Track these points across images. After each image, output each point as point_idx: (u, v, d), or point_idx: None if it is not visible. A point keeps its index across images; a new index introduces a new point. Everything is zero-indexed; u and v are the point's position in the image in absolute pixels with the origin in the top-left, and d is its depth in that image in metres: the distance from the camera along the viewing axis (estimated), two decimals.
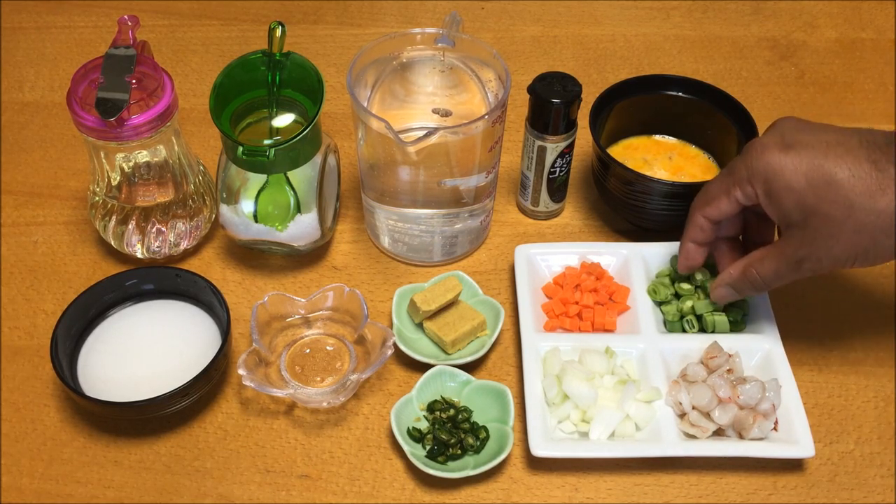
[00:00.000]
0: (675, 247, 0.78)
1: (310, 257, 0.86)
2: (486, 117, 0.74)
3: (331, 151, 0.83)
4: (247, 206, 0.80)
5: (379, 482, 0.71)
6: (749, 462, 0.71)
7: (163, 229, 0.82)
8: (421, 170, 0.77)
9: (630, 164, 0.84)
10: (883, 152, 0.64)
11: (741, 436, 0.70)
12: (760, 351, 0.75)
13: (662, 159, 0.89)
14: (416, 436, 0.71)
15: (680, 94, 0.88)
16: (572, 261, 0.82)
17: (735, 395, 0.70)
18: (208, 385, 0.73)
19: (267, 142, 0.76)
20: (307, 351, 0.77)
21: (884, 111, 1.01)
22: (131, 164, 0.79)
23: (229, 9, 1.14)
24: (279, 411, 0.75)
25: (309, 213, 0.80)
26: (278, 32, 0.77)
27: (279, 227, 0.80)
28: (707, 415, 0.70)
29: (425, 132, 0.71)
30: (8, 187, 0.92)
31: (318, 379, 0.75)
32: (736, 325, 0.77)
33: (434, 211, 0.81)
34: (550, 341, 0.75)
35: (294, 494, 0.70)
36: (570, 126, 0.81)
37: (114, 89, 0.74)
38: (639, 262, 0.81)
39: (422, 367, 0.75)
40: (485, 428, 0.71)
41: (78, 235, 0.88)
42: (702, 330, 0.77)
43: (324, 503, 0.70)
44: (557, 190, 0.87)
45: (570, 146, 0.83)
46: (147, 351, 0.75)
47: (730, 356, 0.73)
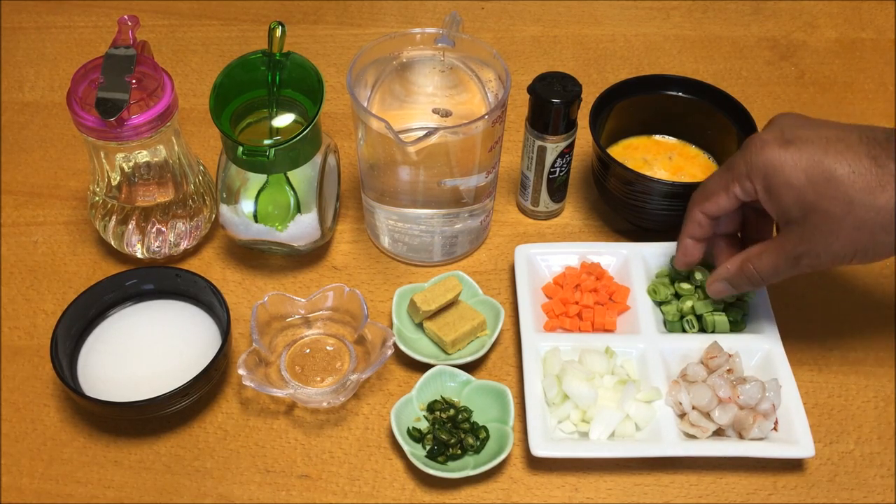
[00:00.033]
0: (675, 246, 0.78)
1: (310, 257, 0.86)
2: (486, 117, 0.74)
3: (331, 151, 0.83)
4: (247, 206, 0.80)
5: (379, 482, 0.71)
6: (749, 462, 0.71)
7: (163, 229, 0.82)
8: (421, 170, 0.77)
9: (630, 164, 0.84)
10: (883, 148, 0.63)
11: (741, 436, 0.70)
12: (760, 351, 0.75)
13: (662, 159, 0.89)
14: (416, 436, 0.71)
15: (680, 94, 0.88)
16: (572, 261, 0.82)
17: (735, 395, 0.70)
18: (208, 385, 0.73)
19: (267, 142, 0.76)
20: (307, 351, 0.77)
21: (884, 111, 1.01)
22: (131, 164, 0.79)
23: (229, 9, 1.14)
24: (279, 411, 0.75)
25: (309, 213, 0.80)
26: (278, 32, 0.77)
27: (279, 227, 0.80)
28: (707, 415, 0.70)
29: (425, 132, 0.71)
30: (8, 187, 0.92)
31: (318, 379, 0.75)
32: (736, 325, 0.77)
33: (434, 211, 0.81)
34: (550, 341, 0.75)
35: (294, 494, 0.70)
36: (570, 126, 0.81)
37: (114, 89, 0.74)
38: (639, 262, 0.81)
39: (422, 367, 0.75)
40: (485, 428, 0.71)
41: (78, 235, 0.88)
42: (702, 330, 0.77)
43: (324, 503, 0.70)
44: (557, 190, 0.87)
45: (570, 146, 0.83)
46: (147, 351, 0.75)
47: (730, 356, 0.73)
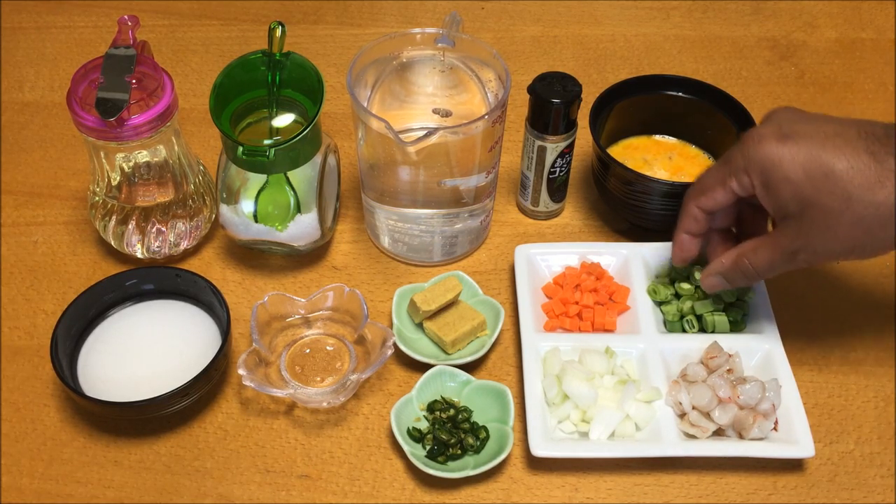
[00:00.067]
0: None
1: (310, 257, 0.86)
2: (486, 117, 0.74)
3: (331, 151, 0.83)
4: (247, 206, 0.80)
5: (379, 482, 0.71)
6: (749, 462, 0.71)
7: (163, 229, 0.82)
8: (421, 170, 0.77)
9: (630, 164, 0.84)
10: (882, 144, 0.63)
11: (741, 436, 0.70)
12: (760, 351, 0.75)
13: (662, 159, 0.89)
14: (416, 436, 0.71)
15: (680, 94, 0.88)
16: (572, 261, 0.82)
17: (735, 395, 0.70)
18: (208, 385, 0.73)
19: (267, 142, 0.76)
20: (307, 351, 0.77)
21: (884, 111, 1.01)
22: (131, 164, 0.79)
23: (229, 9, 1.14)
24: (279, 411, 0.75)
25: (309, 213, 0.80)
26: (278, 32, 0.77)
27: (279, 227, 0.80)
28: (707, 415, 0.70)
29: (425, 132, 0.71)
30: (8, 187, 0.92)
31: (318, 379, 0.75)
32: (736, 325, 0.77)
33: (434, 211, 0.81)
34: (550, 341, 0.75)
35: (294, 494, 0.70)
36: (570, 126, 0.81)
37: (114, 89, 0.74)
38: (639, 262, 0.81)
39: (422, 367, 0.75)
40: (485, 428, 0.71)
41: (78, 235, 0.88)
42: (702, 330, 0.77)
43: (324, 503, 0.70)
44: (557, 190, 0.87)
45: (570, 146, 0.83)
46: (147, 351, 0.75)
47: (730, 356, 0.73)
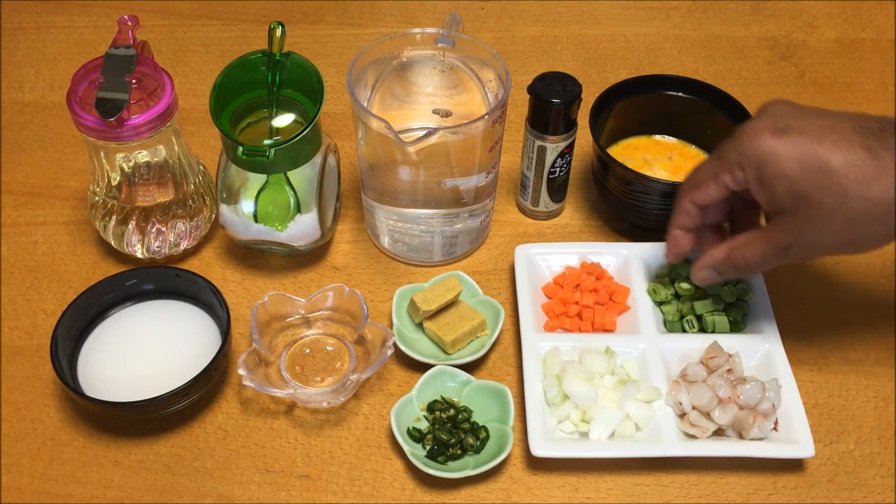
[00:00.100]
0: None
1: (310, 257, 0.86)
2: (486, 117, 0.74)
3: (331, 151, 0.83)
4: (247, 206, 0.80)
5: (379, 482, 0.71)
6: (749, 462, 0.71)
7: (163, 229, 0.82)
8: (421, 170, 0.77)
9: (630, 164, 0.84)
10: (877, 138, 0.62)
11: (741, 436, 0.70)
12: (760, 351, 0.75)
13: (662, 159, 0.89)
14: (416, 436, 0.71)
15: (680, 94, 0.88)
16: (572, 261, 0.82)
17: (735, 395, 0.70)
18: (208, 385, 0.73)
19: (267, 142, 0.76)
20: (307, 351, 0.77)
21: (884, 111, 1.00)
22: (131, 164, 0.79)
23: (229, 9, 1.14)
24: (279, 411, 0.75)
25: (309, 213, 0.80)
26: (278, 32, 0.76)
27: (279, 227, 0.80)
28: (707, 415, 0.70)
29: (425, 132, 0.71)
30: (8, 187, 0.92)
31: (318, 379, 0.75)
32: (736, 325, 0.77)
33: (434, 211, 0.81)
34: (550, 341, 0.75)
35: (294, 494, 0.70)
36: (570, 126, 0.81)
37: (114, 89, 0.74)
38: (639, 262, 0.81)
39: (422, 367, 0.75)
40: (485, 428, 0.71)
41: (78, 235, 0.88)
42: (702, 330, 0.77)
43: (324, 503, 0.70)
44: (557, 190, 0.87)
45: (570, 146, 0.83)
46: (147, 351, 0.75)
47: (730, 356, 0.73)
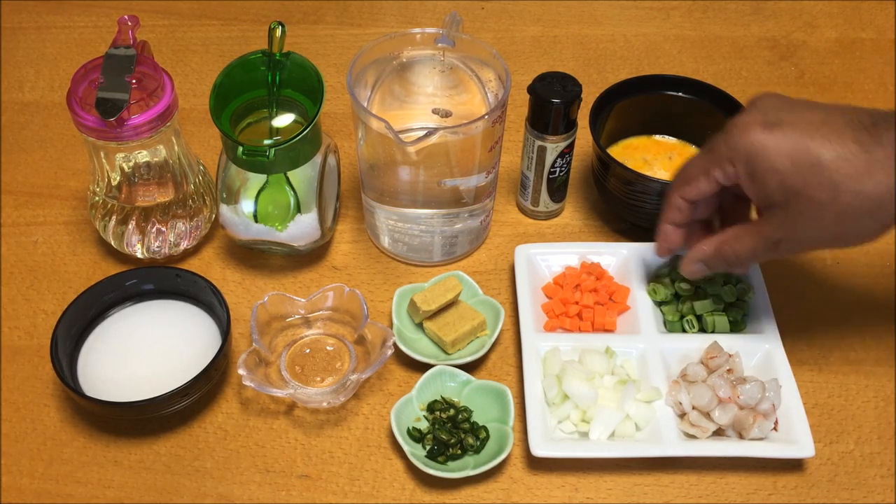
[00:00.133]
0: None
1: (310, 257, 0.86)
2: (486, 117, 0.74)
3: (331, 151, 0.83)
4: (247, 206, 0.80)
5: (379, 482, 0.71)
6: (749, 462, 0.71)
7: (163, 229, 0.82)
8: (421, 170, 0.77)
9: (630, 164, 0.84)
10: (869, 133, 0.62)
11: (741, 436, 0.70)
12: (760, 351, 0.75)
13: (662, 159, 0.89)
14: (416, 436, 0.71)
15: (680, 94, 0.88)
16: (572, 261, 0.82)
17: (735, 395, 0.70)
18: (208, 385, 0.73)
19: (267, 142, 0.76)
20: (307, 351, 0.77)
21: None
22: (131, 164, 0.79)
23: (229, 9, 1.14)
24: (279, 411, 0.75)
25: (309, 213, 0.80)
26: (278, 32, 0.76)
27: (279, 227, 0.80)
28: (707, 415, 0.70)
29: (425, 132, 0.71)
30: (8, 187, 0.92)
31: (318, 379, 0.75)
32: (736, 325, 0.77)
33: (434, 211, 0.81)
34: (550, 341, 0.75)
35: (294, 494, 0.70)
36: (570, 126, 0.81)
37: (114, 89, 0.74)
38: (639, 262, 0.81)
39: (422, 367, 0.75)
40: (485, 428, 0.71)
41: (78, 235, 0.88)
42: (702, 330, 0.77)
43: (324, 503, 0.70)
44: (557, 190, 0.87)
45: (570, 146, 0.83)
46: (147, 351, 0.75)
47: (730, 356, 0.73)
